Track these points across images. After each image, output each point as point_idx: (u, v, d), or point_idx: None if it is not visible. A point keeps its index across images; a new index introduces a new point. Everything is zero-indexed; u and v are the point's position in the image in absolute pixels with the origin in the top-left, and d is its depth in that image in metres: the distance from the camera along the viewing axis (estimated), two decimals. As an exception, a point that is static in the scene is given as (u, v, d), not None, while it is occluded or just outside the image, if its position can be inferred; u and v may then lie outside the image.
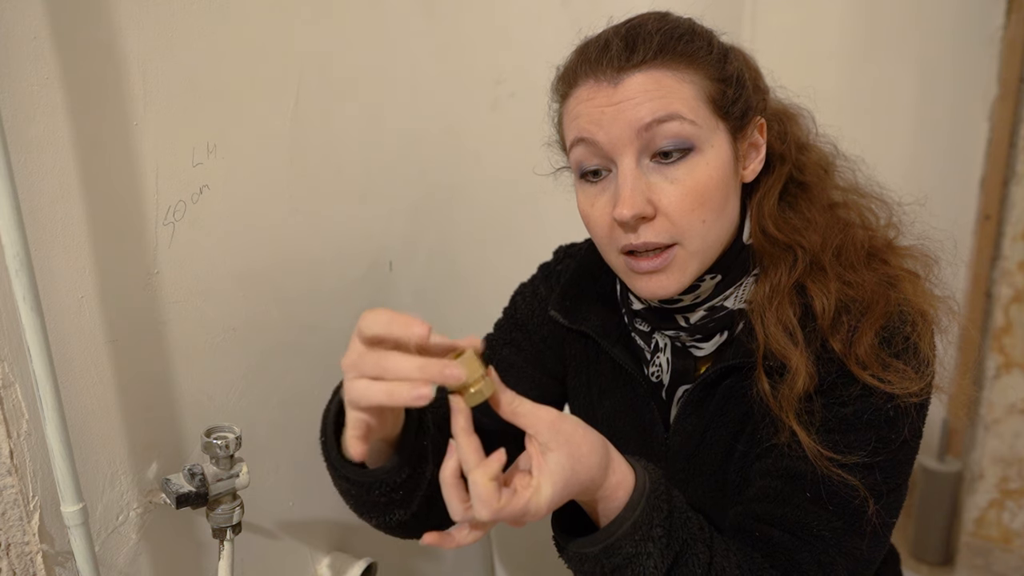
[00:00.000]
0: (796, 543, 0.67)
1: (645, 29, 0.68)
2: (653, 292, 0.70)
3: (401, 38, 1.01)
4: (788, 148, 0.77)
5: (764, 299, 0.71)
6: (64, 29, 0.67)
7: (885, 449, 0.67)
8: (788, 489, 0.69)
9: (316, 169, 0.93)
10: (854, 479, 0.66)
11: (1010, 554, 1.77)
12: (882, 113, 1.82)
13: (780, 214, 0.74)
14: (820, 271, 0.71)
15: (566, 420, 0.59)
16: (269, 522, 0.95)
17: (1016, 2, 1.65)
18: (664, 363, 0.78)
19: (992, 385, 1.72)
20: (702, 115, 0.67)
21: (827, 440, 0.67)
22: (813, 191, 0.76)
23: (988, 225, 1.73)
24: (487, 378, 0.57)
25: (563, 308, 0.83)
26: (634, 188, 0.66)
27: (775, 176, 0.76)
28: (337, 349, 1.00)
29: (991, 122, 1.71)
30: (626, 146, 0.67)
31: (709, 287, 0.73)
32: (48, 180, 0.67)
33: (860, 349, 0.67)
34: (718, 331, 0.74)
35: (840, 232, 0.73)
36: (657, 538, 0.60)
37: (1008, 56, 1.67)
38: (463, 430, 0.56)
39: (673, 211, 0.67)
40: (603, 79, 0.68)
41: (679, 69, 0.67)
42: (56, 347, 0.67)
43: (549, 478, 0.56)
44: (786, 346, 0.69)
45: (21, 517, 0.69)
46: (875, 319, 0.68)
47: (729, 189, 0.70)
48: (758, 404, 0.71)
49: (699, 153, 0.67)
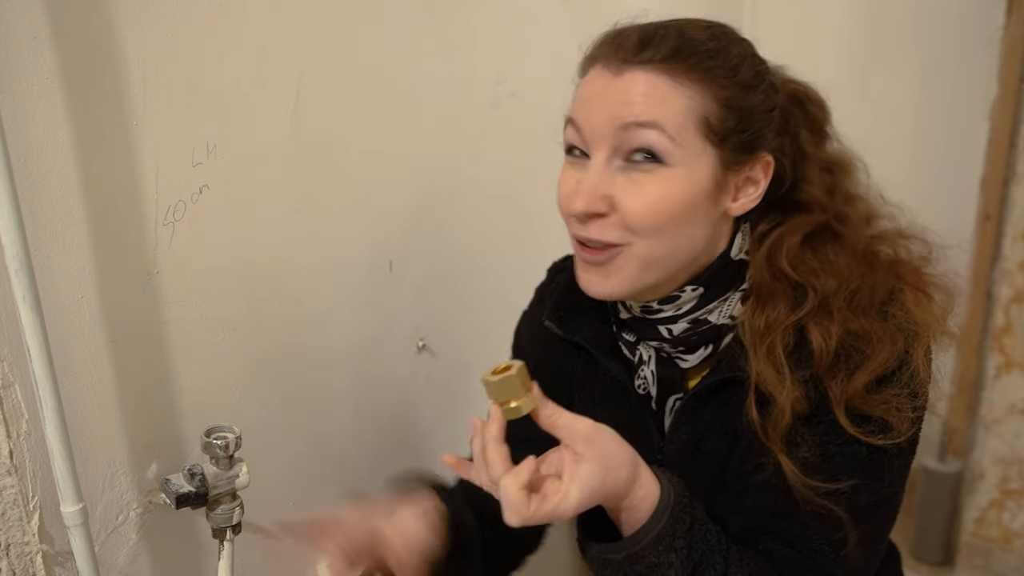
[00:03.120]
0: (797, 557, 0.69)
1: (668, 31, 0.67)
2: (587, 288, 0.71)
3: (401, 38, 1.01)
4: (833, 201, 0.75)
5: (758, 331, 0.69)
6: (64, 29, 0.67)
7: (874, 471, 0.68)
8: (786, 504, 0.69)
9: (316, 169, 0.93)
10: (838, 508, 0.66)
11: (1010, 554, 1.77)
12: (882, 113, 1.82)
13: (799, 253, 0.72)
14: (826, 314, 0.68)
15: (602, 433, 0.62)
16: (269, 522, 0.94)
17: (1016, 2, 1.65)
18: (649, 376, 0.77)
19: (992, 385, 1.72)
20: (686, 134, 0.65)
21: (812, 468, 0.67)
22: (847, 240, 0.73)
23: (988, 225, 1.73)
24: (529, 394, 0.61)
25: (557, 318, 0.83)
26: (595, 184, 0.66)
27: (807, 220, 0.73)
28: (337, 349, 1.00)
29: (991, 122, 1.71)
30: (602, 140, 0.67)
31: (691, 298, 0.72)
32: (48, 180, 0.68)
33: (852, 392, 0.66)
34: (702, 344, 0.73)
35: (860, 277, 0.70)
36: (679, 549, 0.63)
37: (1008, 56, 1.66)
38: (494, 439, 0.61)
39: (627, 212, 0.66)
40: (608, 67, 0.68)
41: (682, 81, 0.65)
42: (56, 347, 0.67)
43: (579, 486, 0.59)
44: (774, 383, 0.67)
45: (21, 517, 0.69)
46: (874, 367, 0.66)
47: (698, 211, 0.67)
48: (747, 427, 0.70)
49: (669, 168, 0.65)
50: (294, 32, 0.87)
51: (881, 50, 1.80)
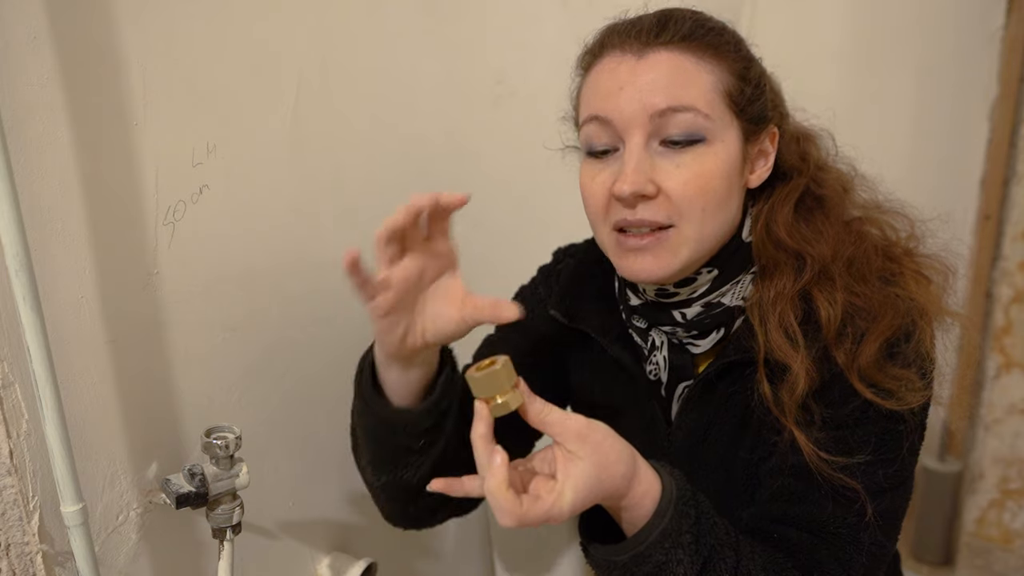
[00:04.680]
0: (815, 541, 0.67)
1: (679, 13, 0.70)
2: (637, 273, 0.70)
3: (401, 38, 1.01)
4: (807, 166, 0.77)
5: (768, 303, 0.71)
6: (64, 29, 0.67)
7: (887, 447, 0.67)
8: (801, 487, 0.69)
9: (316, 169, 0.93)
10: (854, 481, 0.66)
11: (1010, 554, 1.77)
12: (882, 113, 1.82)
13: (793, 222, 0.74)
14: (828, 280, 0.71)
15: (595, 430, 0.60)
16: (269, 522, 0.95)
17: (1016, 2, 1.65)
18: (661, 361, 0.78)
19: (992, 385, 1.72)
20: (717, 109, 0.68)
21: (827, 443, 0.67)
22: (830, 206, 0.76)
23: (988, 225, 1.73)
24: (516, 390, 0.59)
25: (563, 307, 0.83)
26: (638, 166, 0.66)
27: (792, 186, 0.76)
28: (337, 348, 1.00)
29: (991, 122, 1.71)
30: (637, 127, 0.67)
31: (706, 281, 0.73)
32: (48, 180, 0.67)
33: (863, 361, 0.67)
34: (715, 328, 0.74)
35: (853, 245, 0.73)
36: (687, 544, 0.61)
37: (1008, 56, 1.66)
38: (482, 437, 0.58)
39: (675, 193, 0.67)
40: (628, 51, 0.68)
41: (703, 57, 0.68)
42: (56, 347, 0.67)
43: (573, 485, 0.57)
44: (787, 351, 0.68)
45: (21, 517, 0.69)
46: (881, 332, 0.67)
47: (733, 186, 0.70)
48: (759, 404, 0.70)
49: (708, 145, 0.67)
50: (294, 32, 0.87)
51: (881, 50, 1.80)
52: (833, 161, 0.81)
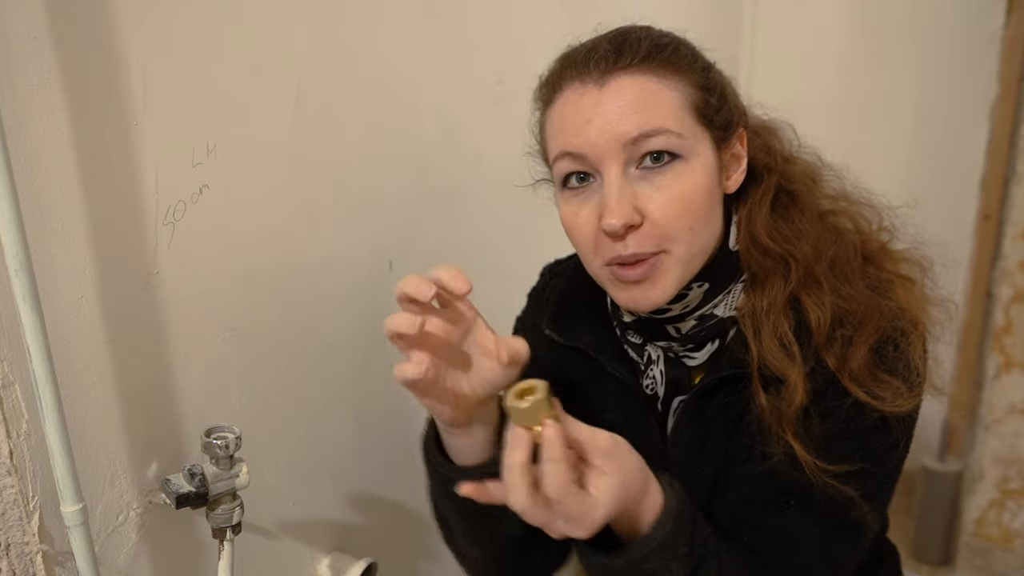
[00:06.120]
0: (777, 549, 0.69)
1: (633, 35, 0.69)
2: (638, 304, 0.70)
3: (401, 38, 1.01)
4: (774, 160, 0.77)
5: (761, 313, 0.70)
6: (64, 29, 0.67)
7: (876, 456, 0.68)
8: (773, 496, 0.69)
9: (316, 169, 0.93)
10: (849, 488, 0.67)
11: (1010, 554, 1.77)
12: (882, 113, 1.82)
13: (772, 224, 0.74)
14: (815, 283, 0.71)
15: (619, 446, 0.61)
16: (269, 522, 0.95)
17: (1016, 2, 1.64)
18: (658, 375, 0.77)
19: (992, 385, 1.72)
20: (687, 124, 0.67)
21: (820, 451, 0.67)
22: (803, 200, 0.76)
23: (988, 225, 1.73)
24: (554, 413, 0.58)
25: (556, 326, 0.83)
26: (620, 197, 0.66)
27: (764, 186, 0.75)
28: (337, 348, 1.00)
29: (991, 122, 1.71)
30: (612, 158, 0.66)
31: (697, 295, 0.72)
32: (48, 180, 0.67)
33: (854, 364, 0.67)
34: (709, 339, 0.74)
35: (833, 242, 0.73)
36: (682, 556, 0.62)
37: (1008, 56, 1.66)
38: (522, 465, 0.58)
39: (660, 217, 0.66)
40: (589, 81, 0.67)
41: (665, 76, 0.67)
42: (56, 347, 0.67)
43: (604, 503, 0.58)
44: (783, 361, 0.68)
45: (21, 517, 0.69)
46: (869, 334, 0.67)
47: (714, 197, 0.70)
48: (755, 415, 0.70)
49: (685, 162, 0.67)
50: (294, 32, 0.87)
51: (881, 50, 1.80)
52: (798, 152, 0.81)
